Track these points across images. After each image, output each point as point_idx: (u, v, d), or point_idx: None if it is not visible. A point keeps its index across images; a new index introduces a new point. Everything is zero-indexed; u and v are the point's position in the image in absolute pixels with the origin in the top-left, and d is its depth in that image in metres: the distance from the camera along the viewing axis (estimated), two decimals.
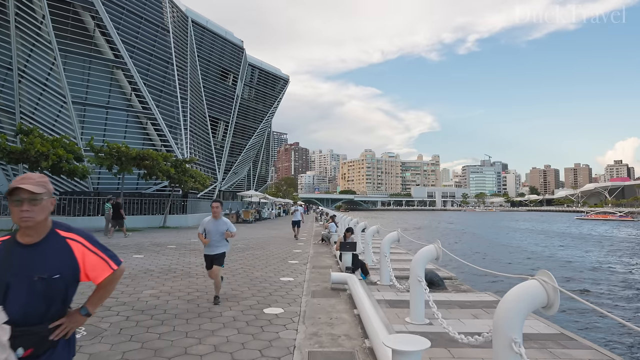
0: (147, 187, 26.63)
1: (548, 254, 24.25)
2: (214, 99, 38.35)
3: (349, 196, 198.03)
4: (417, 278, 5.38)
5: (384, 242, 8.04)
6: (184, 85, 30.71)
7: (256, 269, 9.06)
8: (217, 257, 6.04)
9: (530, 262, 20.22)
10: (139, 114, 26.08)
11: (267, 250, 12.86)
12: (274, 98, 51.30)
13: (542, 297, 2.62)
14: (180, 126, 29.09)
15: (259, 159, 60.46)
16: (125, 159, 18.82)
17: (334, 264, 10.14)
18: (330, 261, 10.65)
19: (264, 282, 7.58)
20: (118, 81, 24.87)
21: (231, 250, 12.29)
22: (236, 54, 40.27)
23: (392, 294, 7.18)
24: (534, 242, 32.18)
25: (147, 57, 26.79)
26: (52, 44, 21.60)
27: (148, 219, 23.08)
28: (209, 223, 6.05)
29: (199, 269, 8.81)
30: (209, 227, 6.03)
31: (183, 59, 30.98)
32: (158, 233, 18.46)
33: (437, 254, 5.54)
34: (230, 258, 10.69)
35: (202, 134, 35.12)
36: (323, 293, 6.81)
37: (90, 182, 24.23)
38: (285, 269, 9.17)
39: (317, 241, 15.79)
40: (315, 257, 11.34)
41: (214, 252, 6.05)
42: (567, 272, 17.41)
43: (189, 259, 10.40)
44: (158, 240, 14.89)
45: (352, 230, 8.73)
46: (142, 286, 6.96)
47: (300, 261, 10.53)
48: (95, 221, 20.80)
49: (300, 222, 17.18)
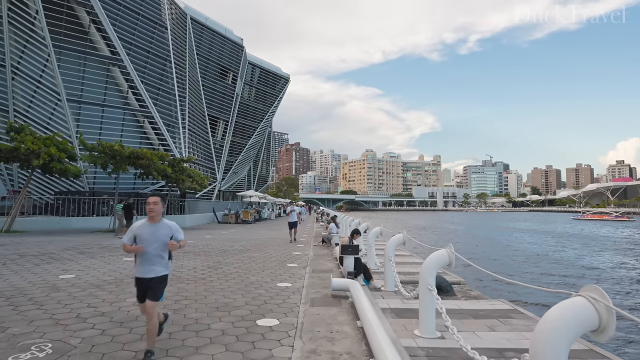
0: (144, 187, 26.13)
1: (558, 256, 23.65)
2: (214, 97, 37.84)
3: (350, 196, 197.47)
4: (428, 286, 4.81)
5: (389, 245, 7.49)
6: (183, 83, 30.20)
7: (252, 273, 8.51)
8: (153, 284, 3.77)
9: (554, 268, 19.63)
10: (136, 112, 25.57)
11: (265, 252, 12.31)
12: (275, 97, 50.81)
13: (593, 319, 2.08)
14: (178, 125, 28.57)
15: (260, 158, 59.98)
16: (120, 157, 18.27)
17: (335, 268, 9.58)
18: (331, 264, 10.10)
19: (259, 289, 7.03)
20: (114, 78, 24.35)
21: (227, 253, 11.81)
22: (236, 52, 39.76)
23: (397, 301, 6.62)
24: (546, 244, 31.52)
25: (145, 55, 26.29)
26: (46, 40, 21.09)
27: None
28: (142, 228, 3.76)
29: (191, 274, 8.26)
30: (143, 234, 3.73)
31: (181, 56, 30.46)
32: None
33: (449, 259, 4.97)
34: (226, 261, 10.15)
35: (201, 133, 34.60)
36: (323, 301, 6.25)
37: (86, 182, 23.73)
38: (283, 273, 8.62)
39: (318, 243, 15.23)
40: (315, 260, 10.79)
41: (148, 274, 3.76)
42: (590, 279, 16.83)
43: (181, 262, 9.86)
44: None
45: (359, 232, 8.16)
46: (126, 293, 6.41)
47: (299, 264, 9.98)
48: (90, 222, 20.30)
49: (297, 223, 15.87)
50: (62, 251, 11.22)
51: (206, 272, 8.56)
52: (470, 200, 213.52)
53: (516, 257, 22.64)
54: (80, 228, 19.66)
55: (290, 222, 15.76)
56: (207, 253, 11.70)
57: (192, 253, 11.59)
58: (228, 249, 12.75)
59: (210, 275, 8.19)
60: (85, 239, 14.64)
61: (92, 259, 9.87)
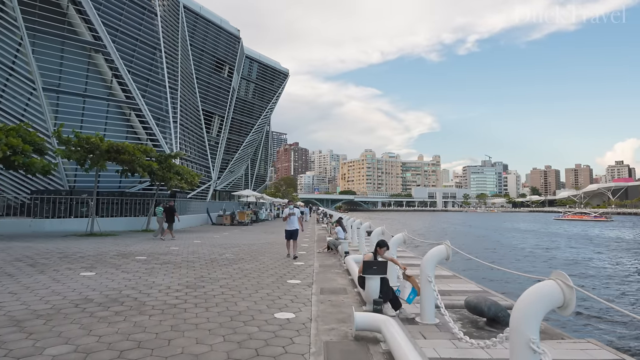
0: (131, 186, 24.05)
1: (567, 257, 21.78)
2: (208, 91, 35.75)
3: (349, 197, 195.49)
4: (529, 342, 2.78)
5: (428, 259, 5.47)
6: (174, 74, 28.11)
7: (242, 296, 6.48)
8: None
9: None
10: (122, 104, 23.47)
11: (260, 262, 10.28)
12: (273, 93, 48.73)
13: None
14: (169, 119, 26.48)
15: (257, 157, 57.92)
16: (99, 152, 16.20)
17: (348, 285, 7.57)
18: (342, 280, 8.08)
19: (250, 323, 5.01)
20: (97, 67, 22.24)
21: (215, 263, 9.78)
22: (232, 44, 37.68)
23: (446, 343, 4.63)
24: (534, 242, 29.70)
25: (132, 42, 24.19)
26: (18, 22, 18.99)
27: (129, 222, 20.50)
28: None
29: (160, 298, 6.23)
30: None
31: (173, 46, 28.38)
32: (135, 238, 15.87)
33: (564, 300, 2.94)
34: (211, 276, 8.10)
35: (194, 128, 32.51)
36: (343, 351, 4.22)
37: (66, 180, 21.63)
38: (283, 295, 6.59)
39: (322, 249, 13.20)
40: (322, 274, 8.77)
41: None
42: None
43: (153, 278, 7.81)
44: (129, 249, 12.28)
45: (386, 244, 6.14)
46: (54, 335, 4.38)
47: (302, 280, 7.96)
48: (67, 224, 18.24)
49: (298, 231, 11.23)
50: (9, 263, 9.15)
51: (182, 294, 6.52)
52: (470, 200, 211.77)
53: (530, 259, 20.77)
54: (55, 231, 17.59)
55: (289, 231, 11.04)
56: (191, 264, 9.65)
57: (172, 264, 9.55)
58: (217, 258, 10.71)
59: (187, 299, 6.15)
60: (50, 245, 12.58)
61: (40, 275, 7.81)
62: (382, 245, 6.11)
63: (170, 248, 12.81)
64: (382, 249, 6.08)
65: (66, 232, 17.15)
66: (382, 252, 6.07)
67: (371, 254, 6.10)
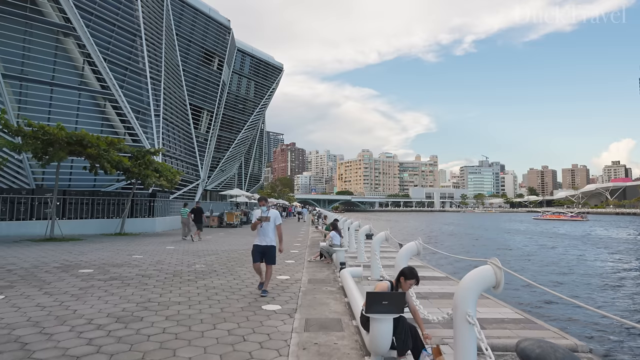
0: (108, 185, 21.92)
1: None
2: (196, 84, 33.67)
3: (346, 197, 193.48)
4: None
5: (467, 288, 3.44)
6: (157, 64, 26.00)
7: (189, 337, 4.44)
8: None
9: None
10: (96, 95, 21.33)
11: (235, 275, 8.25)
12: (267, 88, 46.70)
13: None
14: (150, 112, 24.37)
15: (251, 156, 55.85)
16: (59, 144, 14.09)
17: (345, 313, 5.56)
18: (336, 305, 6.06)
19: None
20: (67, 52, 20.09)
21: (176, 279, 7.34)
22: (222, 35, 35.62)
23: None
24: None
25: (109, 27, 22.07)
26: None
27: (101, 224, 18.41)
28: None
29: (62, 343, 4.16)
30: None
31: (156, 33, 26.26)
32: (99, 244, 13.78)
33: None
34: (161, 300, 6.03)
35: (180, 123, 30.40)
36: None
37: (32, 178, 19.49)
38: (250, 335, 4.57)
39: (314, 257, 11.18)
40: (311, 294, 6.74)
41: None
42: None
43: (80, 304, 5.75)
44: (79, 259, 10.20)
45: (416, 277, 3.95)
46: None
47: (283, 305, 5.93)
48: (26, 227, 16.16)
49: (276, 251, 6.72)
50: None
51: (100, 334, 4.47)
52: (468, 201, 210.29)
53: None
54: (10, 235, 15.51)
55: (259, 248, 6.58)
56: (144, 280, 7.60)
57: (120, 281, 7.49)
58: (183, 271, 8.67)
59: (99, 348, 4.10)
60: None
61: None
62: (409, 276, 4.01)
63: (133, 257, 10.74)
64: (409, 282, 4.01)
65: (23, 236, 15.04)
66: (407, 285, 4.01)
67: (387, 284, 4.05)
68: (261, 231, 6.59)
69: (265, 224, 6.56)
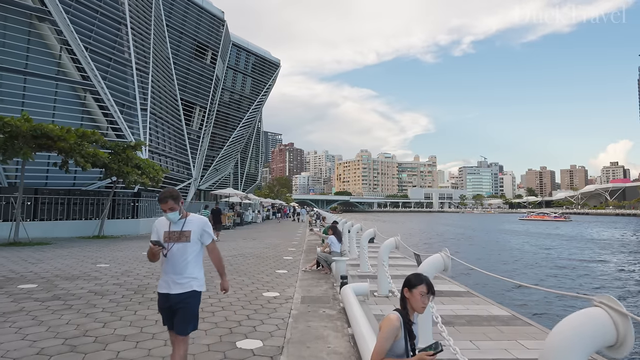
0: (89, 183, 20.29)
1: None
2: (188, 78, 32.08)
3: (345, 197, 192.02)
4: None
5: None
6: (144, 55, 24.41)
7: None
8: None
9: None
10: (75, 85, 19.72)
11: (211, 292, 6.68)
12: (263, 84, 45.16)
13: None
14: (136, 105, 22.76)
15: (248, 155, 54.30)
16: (23, 138, 12.50)
17: (349, 356, 3.99)
18: (337, 339, 4.50)
19: None
20: (42, 38, 18.49)
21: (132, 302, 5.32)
22: (215, 27, 34.05)
23: None
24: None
25: (90, 14, 20.48)
26: None
27: (77, 226, 16.81)
28: None
29: None
30: None
31: (144, 23, 24.67)
32: (69, 249, 12.19)
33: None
34: (100, 334, 4.41)
35: (170, 119, 28.80)
36: None
37: (4, 175, 17.85)
38: None
39: (310, 267, 9.59)
40: (304, 322, 5.18)
41: None
42: None
43: None
44: (30, 269, 8.62)
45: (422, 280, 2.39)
46: None
47: (265, 340, 4.38)
48: None
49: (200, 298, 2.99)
50: None
51: None
52: (467, 201, 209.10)
53: None
54: None
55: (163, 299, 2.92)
56: (94, 300, 6.01)
57: (63, 301, 5.91)
58: (150, 285, 7.12)
59: None
60: None
61: None
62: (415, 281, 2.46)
63: (97, 265, 9.16)
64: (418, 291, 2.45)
65: None
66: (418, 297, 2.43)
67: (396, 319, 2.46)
68: (168, 264, 2.94)
69: (176, 248, 2.92)
